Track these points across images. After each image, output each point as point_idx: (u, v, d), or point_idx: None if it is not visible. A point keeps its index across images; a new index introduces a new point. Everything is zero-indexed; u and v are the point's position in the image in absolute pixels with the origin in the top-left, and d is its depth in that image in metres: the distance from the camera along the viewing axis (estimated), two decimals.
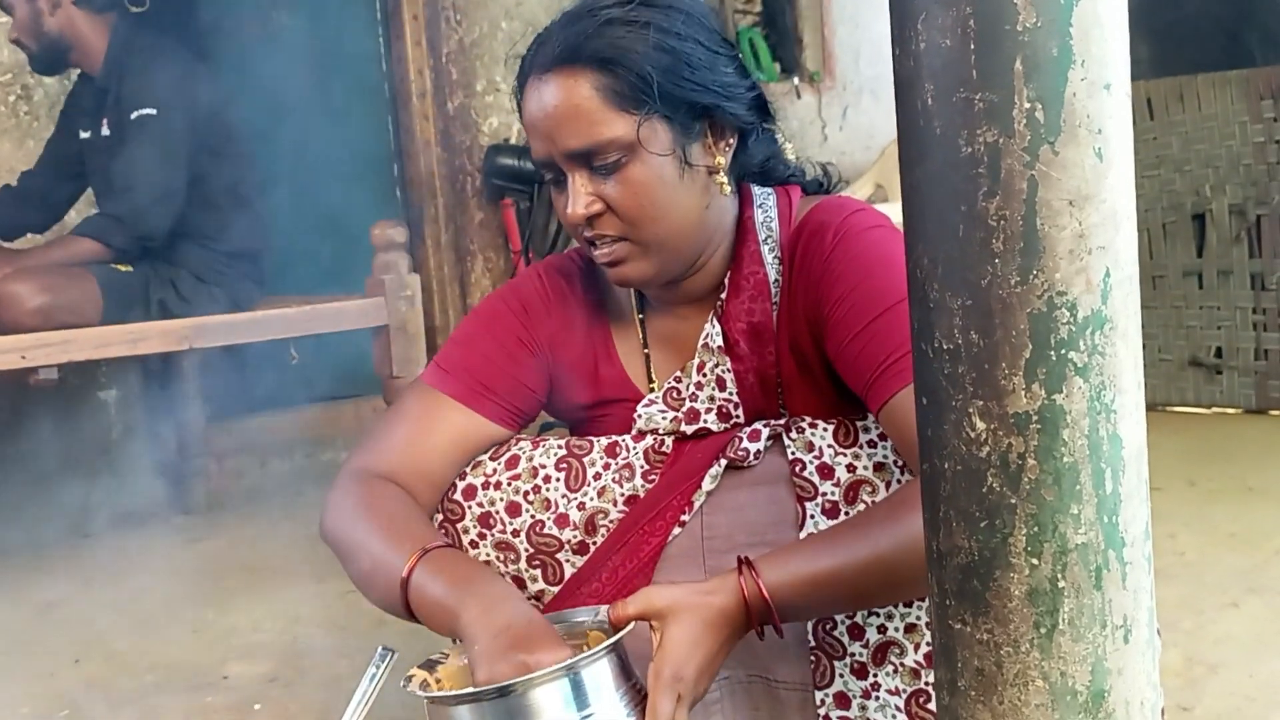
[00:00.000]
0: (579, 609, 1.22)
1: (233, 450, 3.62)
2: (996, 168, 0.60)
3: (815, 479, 1.27)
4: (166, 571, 2.92)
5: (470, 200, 4.04)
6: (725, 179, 1.31)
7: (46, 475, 3.18)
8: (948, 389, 0.64)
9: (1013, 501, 0.62)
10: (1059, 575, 0.62)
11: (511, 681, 1.04)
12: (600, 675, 1.07)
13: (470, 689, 1.05)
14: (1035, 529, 0.62)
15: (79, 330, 2.61)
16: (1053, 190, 0.60)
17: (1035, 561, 0.62)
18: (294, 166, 3.38)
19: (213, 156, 3.00)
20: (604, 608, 1.16)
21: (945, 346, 0.63)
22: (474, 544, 1.37)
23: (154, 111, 2.86)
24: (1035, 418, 0.61)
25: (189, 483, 3.45)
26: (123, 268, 2.82)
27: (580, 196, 1.25)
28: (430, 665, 1.14)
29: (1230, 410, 3.81)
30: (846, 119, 5.28)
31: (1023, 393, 0.61)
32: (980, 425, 0.63)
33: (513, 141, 4.04)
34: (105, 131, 2.98)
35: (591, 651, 1.06)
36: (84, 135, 3.06)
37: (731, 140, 1.32)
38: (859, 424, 1.29)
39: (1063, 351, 0.61)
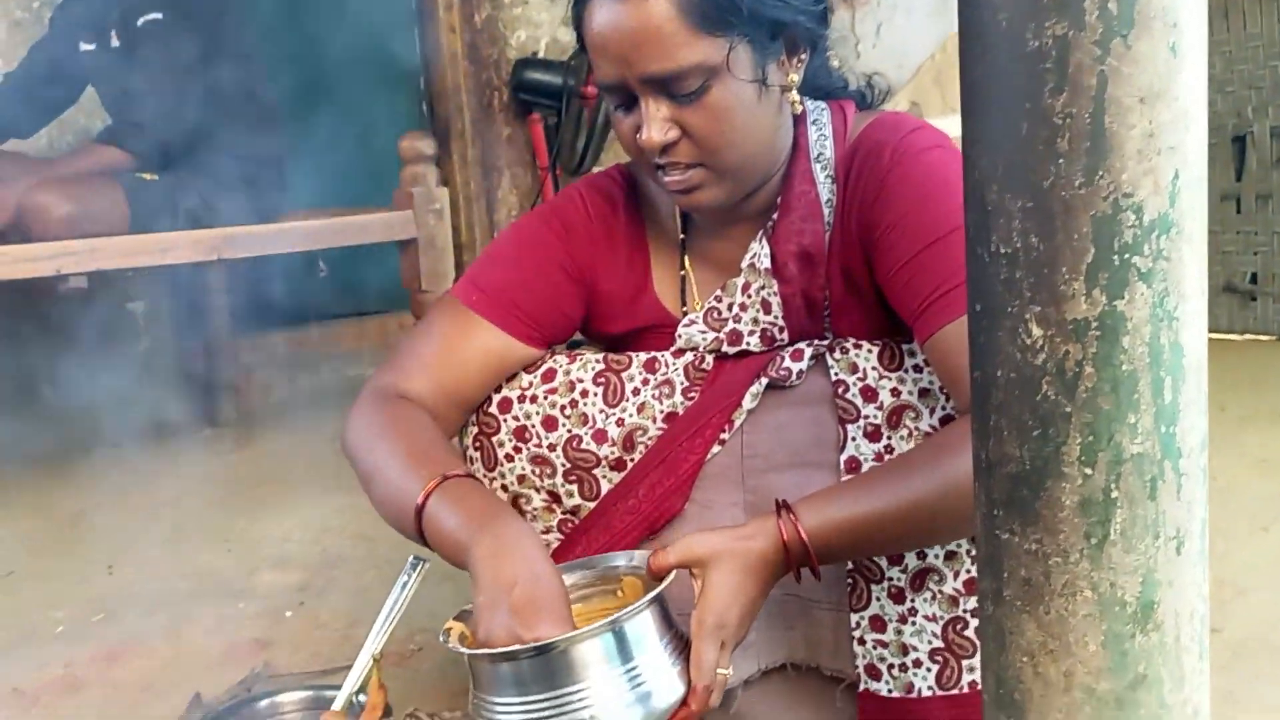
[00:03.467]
0: (613, 554, 1.21)
1: (260, 364, 3.64)
2: (1064, 62, 0.57)
3: (858, 401, 1.26)
4: (196, 483, 2.95)
5: (497, 115, 3.99)
6: (797, 97, 1.28)
7: (76, 387, 3.20)
8: (1004, 295, 0.62)
9: (1068, 410, 0.61)
10: (1113, 485, 0.61)
11: (554, 639, 1.03)
12: (643, 628, 1.07)
13: (513, 647, 1.03)
14: (1090, 438, 0.61)
15: (107, 239, 2.60)
16: (1123, 86, 0.57)
17: (1089, 471, 0.61)
18: (319, 77, 3.34)
19: (233, 62, 2.95)
20: (639, 553, 1.16)
21: (1003, 251, 0.61)
22: (509, 457, 1.37)
23: (160, 16, 2.81)
24: (1095, 324, 0.59)
25: (217, 396, 3.47)
26: (148, 176, 2.80)
27: (656, 123, 1.19)
28: (465, 617, 1.12)
29: (1263, 337, 3.77)
30: (880, 36, 5.16)
31: (1083, 298, 0.59)
32: (1037, 332, 0.61)
33: (541, 55, 3.97)
34: (114, 43, 2.93)
35: (635, 605, 1.05)
36: (87, 47, 3.00)
37: (804, 56, 1.27)
38: (905, 347, 1.26)
39: (1126, 256, 0.58)
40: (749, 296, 1.33)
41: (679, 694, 1.07)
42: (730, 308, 1.34)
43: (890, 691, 1.26)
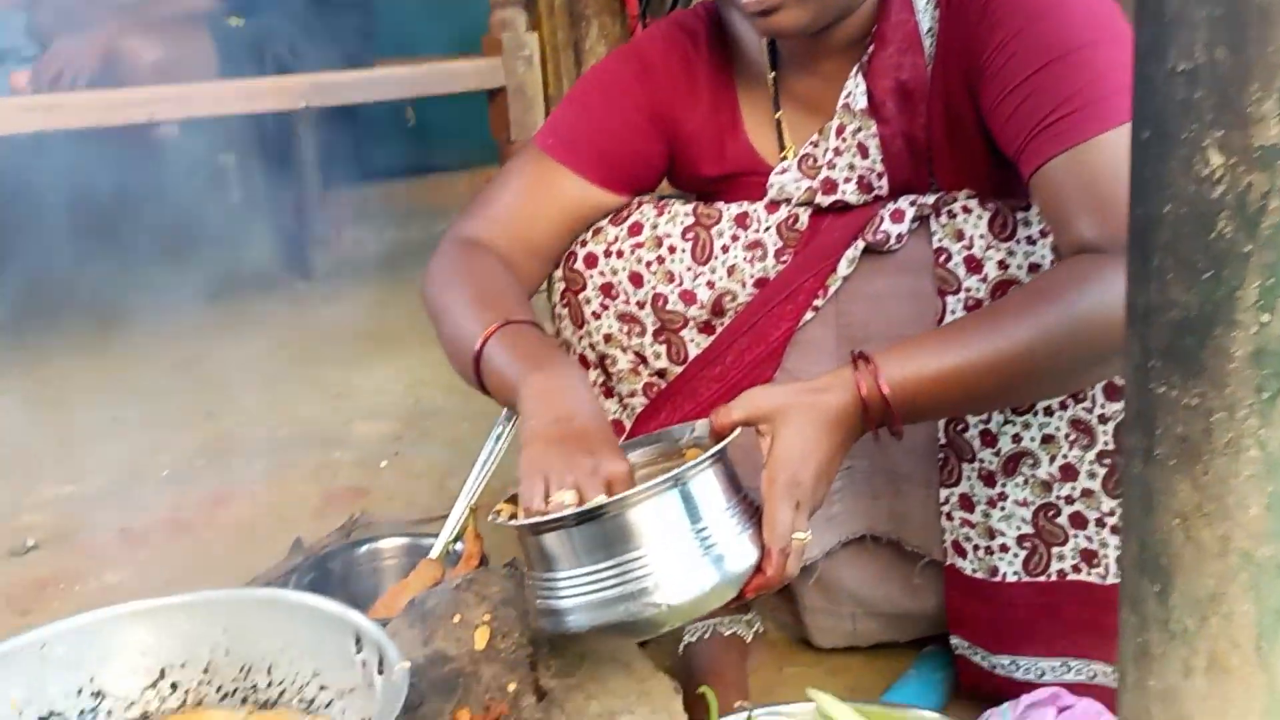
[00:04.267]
0: (670, 427, 1.14)
1: (350, 218, 3.63)
2: None
3: (960, 272, 1.18)
4: (290, 334, 2.99)
5: None
6: None
7: (170, 238, 3.23)
8: (1179, 118, 0.55)
9: (1246, 249, 0.54)
10: None
11: (610, 499, 0.94)
12: (708, 486, 0.97)
13: (565, 511, 0.94)
14: (1271, 280, 0.54)
15: (197, 85, 2.58)
16: None
17: (1266, 318, 0.55)
18: None
19: None
20: (700, 422, 1.08)
21: (1181, 68, 0.54)
22: (596, 315, 1.32)
23: None
24: None
25: (308, 249, 3.48)
26: (234, 21, 2.76)
27: None
28: (517, 499, 1.05)
29: None
30: None
31: (1273, 120, 0.52)
32: (1216, 160, 0.54)
33: None
34: None
35: (696, 460, 0.96)
36: None
37: None
38: (1020, 215, 1.18)
39: None
40: (844, 140, 1.24)
41: (752, 559, 0.97)
42: (825, 153, 1.25)
43: (974, 571, 1.22)
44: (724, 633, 1.34)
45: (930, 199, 1.21)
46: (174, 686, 1.05)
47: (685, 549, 0.94)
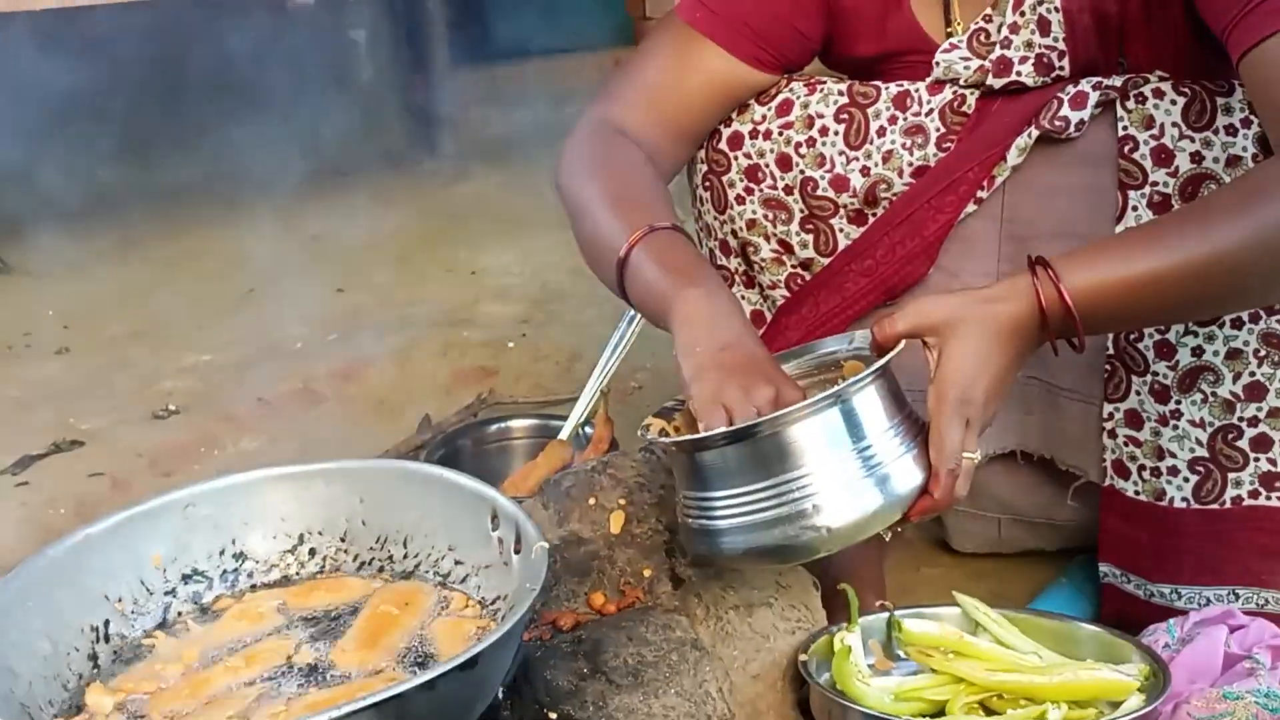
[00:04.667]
0: (825, 339, 1.07)
1: (478, 98, 3.60)
2: None
3: (1147, 164, 1.08)
4: (419, 213, 2.99)
5: None
6: None
7: (303, 113, 3.25)
8: None
9: None
10: None
11: (767, 417, 0.89)
12: (870, 405, 0.91)
13: (720, 430, 0.90)
14: None
15: None
16: None
17: None
18: None
19: None
20: (858, 333, 1.02)
21: None
22: (740, 199, 1.25)
23: None
24: None
25: (437, 128, 3.47)
26: None
27: None
28: (667, 413, 1.02)
29: None
30: None
31: None
32: None
33: None
34: None
35: (859, 376, 0.91)
36: None
37: None
38: (1221, 101, 1.06)
39: None
40: (1022, 14, 1.13)
41: (918, 481, 0.91)
42: (1000, 29, 1.14)
43: (1137, 494, 1.14)
44: None
45: (1117, 81, 1.10)
46: (312, 553, 1.05)
47: (847, 469, 0.89)
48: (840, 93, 1.21)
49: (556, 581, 1.05)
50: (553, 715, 0.91)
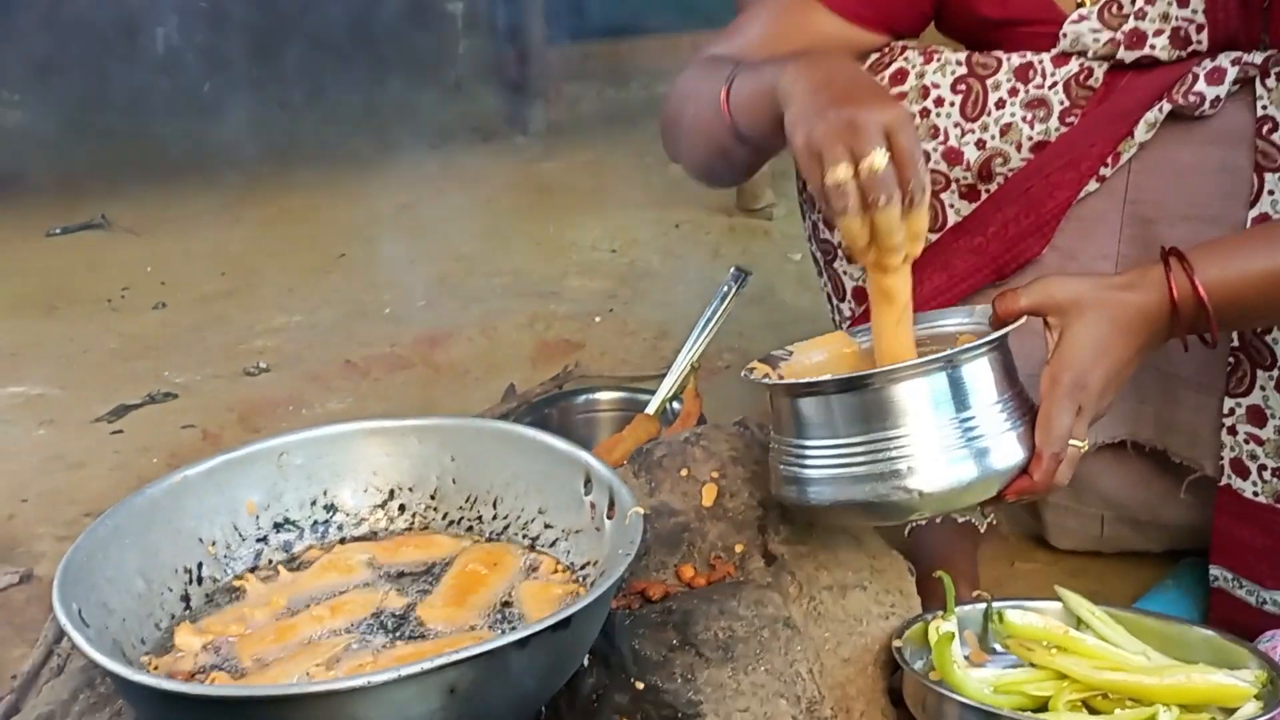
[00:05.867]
0: (944, 310, 1.03)
1: (571, 75, 3.59)
2: None
3: None
4: (508, 186, 2.99)
5: None
6: None
7: (397, 84, 3.26)
8: None
9: None
10: None
11: (888, 368, 0.88)
12: (980, 375, 0.89)
13: (824, 378, 0.90)
14: None
15: None
16: None
17: None
18: None
19: None
20: (980, 307, 0.98)
21: None
22: None
23: None
24: None
25: (529, 104, 3.47)
26: None
27: None
28: (772, 360, 1.00)
29: None
30: None
31: None
32: None
33: None
34: None
35: (973, 344, 0.88)
36: None
37: None
38: None
39: None
40: None
41: (1018, 459, 0.88)
42: (1134, 0, 1.09)
43: (1255, 495, 1.09)
44: (957, 519, 1.25)
45: (1257, 57, 1.05)
46: (401, 509, 1.04)
47: (947, 435, 0.87)
48: (958, 62, 1.16)
49: (646, 551, 1.03)
50: (639, 685, 0.89)
